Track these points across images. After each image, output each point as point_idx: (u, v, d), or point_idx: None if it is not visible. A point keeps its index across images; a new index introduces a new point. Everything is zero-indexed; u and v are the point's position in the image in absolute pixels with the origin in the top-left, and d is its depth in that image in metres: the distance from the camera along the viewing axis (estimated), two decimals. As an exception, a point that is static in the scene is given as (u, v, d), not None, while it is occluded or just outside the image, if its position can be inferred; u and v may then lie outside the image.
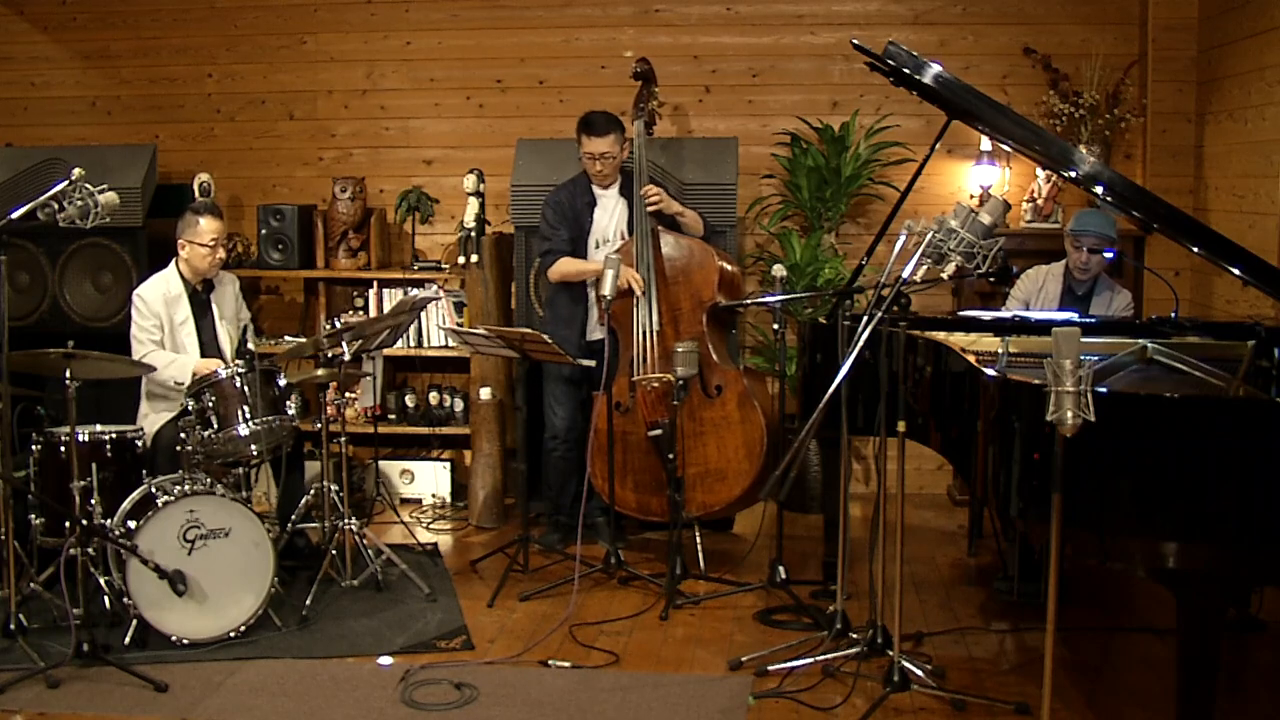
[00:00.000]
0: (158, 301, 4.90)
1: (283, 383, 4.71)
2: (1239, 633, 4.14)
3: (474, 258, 5.90)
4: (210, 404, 4.51)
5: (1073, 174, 3.95)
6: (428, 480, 6.27)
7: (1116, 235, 4.96)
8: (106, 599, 4.33)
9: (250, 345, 5.01)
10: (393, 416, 6.38)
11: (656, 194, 5.14)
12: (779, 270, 5.02)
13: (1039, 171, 5.99)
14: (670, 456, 4.80)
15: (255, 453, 4.62)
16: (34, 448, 4.55)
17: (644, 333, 5.13)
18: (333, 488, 4.84)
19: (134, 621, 4.18)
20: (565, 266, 5.27)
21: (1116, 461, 2.99)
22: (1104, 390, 2.96)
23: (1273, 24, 5.07)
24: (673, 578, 4.73)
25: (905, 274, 3.62)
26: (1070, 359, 2.80)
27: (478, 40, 6.54)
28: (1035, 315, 4.78)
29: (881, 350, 3.88)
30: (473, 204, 5.95)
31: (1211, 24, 5.79)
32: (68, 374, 4.18)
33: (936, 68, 3.80)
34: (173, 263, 5.00)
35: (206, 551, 4.25)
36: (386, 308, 6.23)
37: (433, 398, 6.36)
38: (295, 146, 6.73)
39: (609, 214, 5.33)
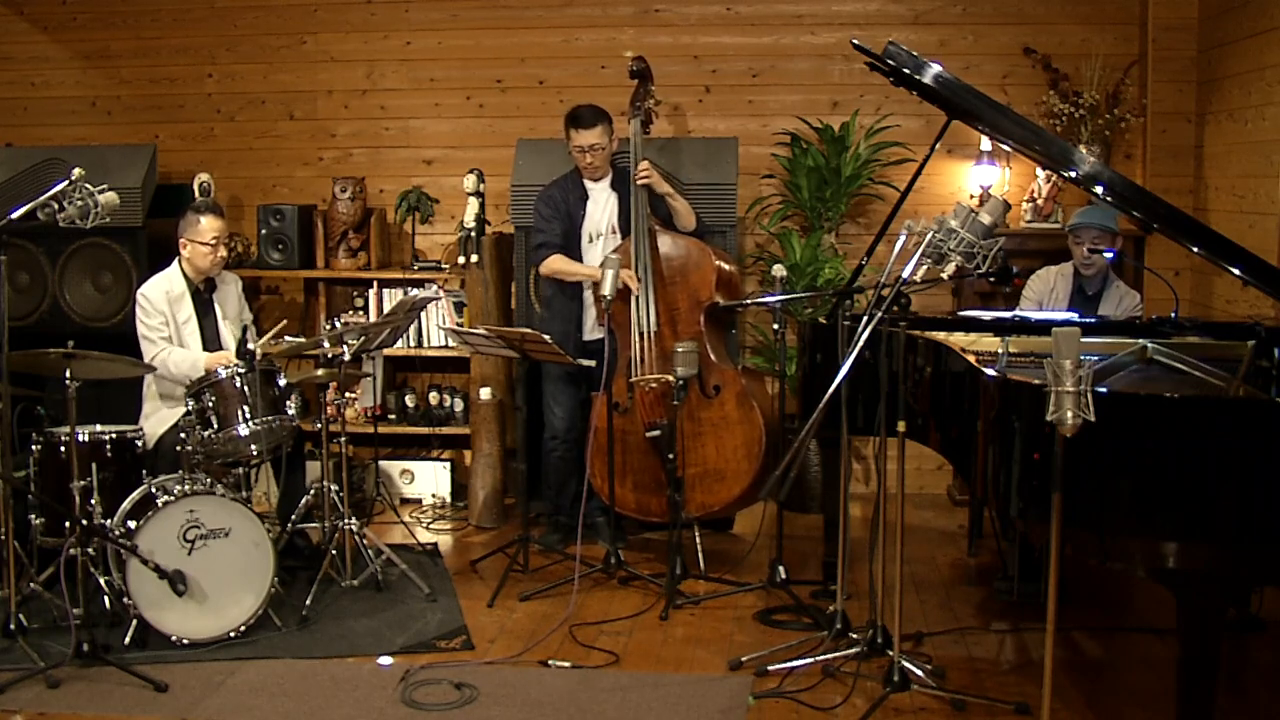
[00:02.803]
0: (161, 299, 4.90)
1: (283, 383, 4.71)
2: (1239, 633, 4.14)
3: (474, 258, 5.90)
4: (210, 404, 4.51)
5: (1073, 174, 3.95)
6: (428, 480, 6.27)
7: (1118, 228, 4.95)
8: (106, 599, 4.33)
9: (250, 345, 5.00)
10: (393, 416, 6.38)
11: (648, 169, 5.17)
12: (779, 270, 5.02)
13: (1039, 171, 5.99)
14: (670, 457, 4.80)
15: (255, 453, 4.62)
16: (34, 448, 4.55)
17: (641, 333, 5.13)
18: (333, 488, 4.84)
19: (134, 621, 4.18)
20: (557, 264, 5.28)
21: (1116, 461, 2.99)
22: (1104, 390, 2.95)
23: (1273, 24, 5.07)
24: (673, 578, 4.73)
25: (905, 274, 3.62)
26: (1070, 359, 2.80)
27: (478, 40, 6.54)
28: (1035, 315, 4.77)
29: (881, 350, 3.88)
30: (473, 204, 5.95)
31: (1211, 24, 5.79)
32: (68, 374, 4.18)
33: (936, 68, 3.80)
34: (175, 262, 5.00)
35: (206, 551, 4.25)
36: (386, 308, 6.22)
37: (433, 398, 6.36)
38: (295, 146, 6.73)
39: (601, 207, 5.35)
